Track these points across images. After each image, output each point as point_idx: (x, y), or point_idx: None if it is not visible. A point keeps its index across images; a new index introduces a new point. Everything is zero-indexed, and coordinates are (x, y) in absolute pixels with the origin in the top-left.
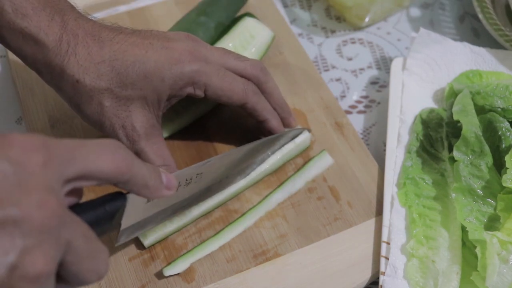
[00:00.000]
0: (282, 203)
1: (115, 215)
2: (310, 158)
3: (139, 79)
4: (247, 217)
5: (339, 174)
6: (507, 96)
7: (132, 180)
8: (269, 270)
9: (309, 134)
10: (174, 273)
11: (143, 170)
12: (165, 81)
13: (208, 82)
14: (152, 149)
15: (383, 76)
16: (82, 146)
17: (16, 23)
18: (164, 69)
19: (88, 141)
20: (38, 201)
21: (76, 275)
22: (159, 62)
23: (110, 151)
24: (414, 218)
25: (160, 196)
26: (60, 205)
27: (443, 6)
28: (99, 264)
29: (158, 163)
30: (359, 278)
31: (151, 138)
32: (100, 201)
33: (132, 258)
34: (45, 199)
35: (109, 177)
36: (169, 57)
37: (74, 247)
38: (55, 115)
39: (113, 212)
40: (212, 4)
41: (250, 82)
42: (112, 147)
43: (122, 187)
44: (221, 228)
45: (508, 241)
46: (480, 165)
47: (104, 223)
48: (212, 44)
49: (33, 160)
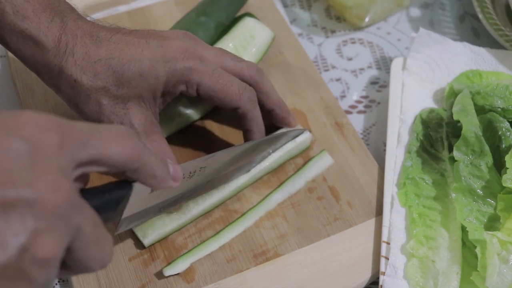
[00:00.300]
0: (282, 203)
1: (120, 203)
2: (310, 158)
3: (135, 78)
4: (247, 217)
5: (339, 174)
6: (507, 96)
7: (141, 168)
8: (269, 270)
9: (310, 134)
10: (174, 273)
11: (152, 159)
12: (159, 78)
13: (201, 81)
14: (152, 146)
15: (383, 76)
16: (96, 130)
17: (16, 24)
18: (159, 66)
19: (101, 125)
20: (52, 183)
21: (81, 261)
22: (153, 60)
23: (123, 137)
24: (414, 218)
25: (166, 186)
26: (72, 189)
27: (443, 6)
28: (105, 252)
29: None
30: (359, 278)
31: (151, 136)
32: (106, 188)
33: (132, 258)
34: (59, 182)
35: (119, 164)
36: (164, 54)
37: (83, 232)
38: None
39: (118, 200)
40: (212, 4)
41: (249, 88)
42: (124, 134)
43: (130, 175)
44: (221, 228)
45: (508, 241)
46: (480, 165)
47: (109, 210)
48: (212, 45)
49: (49, 140)
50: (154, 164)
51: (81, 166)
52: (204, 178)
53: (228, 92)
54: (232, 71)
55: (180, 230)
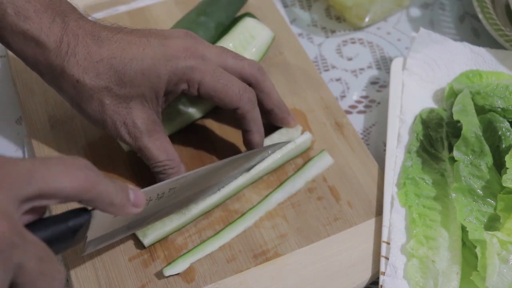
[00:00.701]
0: (282, 203)
1: (78, 231)
2: (310, 158)
3: (137, 76)
4: (247, 217)
5: (339, 174)
6: (507, 96)
7: (97, 198)
8: (269, 270)
9: (310, 135)
10: (174, 273)
11: (110, 188)
12: (161, 77)
13: (202, 80)
14: (155, 145)
15: (383, 76)
16: (42, 165)
17: (18, 25)
18: (160, 65)
19: (50, 159)
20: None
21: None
22: (155, 59)
23: (72, 170)
24: (414, 218)
25: (126, 213)
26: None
27: (443, 6)
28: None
29: (161, 158)
30: (359, 278)
31: (154, 134)
32: (64, 216)
33: (132, 258)
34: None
35: (70, 195)
36: (165, 53)
37: (26, 269)
38: (55, 115)
39: (76, 228)
40: (212, 4)
41: (249, 89)
42: (75, 166)
43: (87, 204)
44: (221, 228)
45: (508, 241)
46: (480, 165)
47: (66, 239)
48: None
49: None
50: (112, 192)
51: (27, 201)
52: (174, 198)
53: (228, 92)
54: (233, 70)
55: (180, 230)
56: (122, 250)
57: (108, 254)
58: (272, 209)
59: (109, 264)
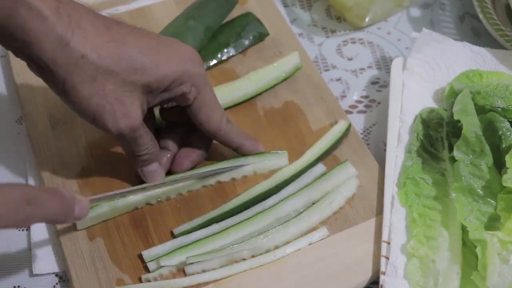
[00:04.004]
0: None
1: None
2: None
3: (151, 66)
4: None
5: None
6: (507, 96)
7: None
8: (269, 271)
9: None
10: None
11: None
12: (172, 74)
13: (204, 90)
14: (145, 131)
15: (383, 76)
16: None
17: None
18: (175, 61)
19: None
20: None
21: None
22: (170, 54)
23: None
24: (414, 217)
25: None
26: None
27: (443, 6)
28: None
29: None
30: (359, 278)
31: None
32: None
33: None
34: None
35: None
36: (181, 52)
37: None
38: (56, 115)
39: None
40: (201, 9)
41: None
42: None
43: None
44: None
45: (508, 241)
46: (481, 164)
47: None
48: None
49: None
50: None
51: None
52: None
53: (216, 113)
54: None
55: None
56: (122, 250)
57: (108, 254)
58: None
59: (109, 264)
